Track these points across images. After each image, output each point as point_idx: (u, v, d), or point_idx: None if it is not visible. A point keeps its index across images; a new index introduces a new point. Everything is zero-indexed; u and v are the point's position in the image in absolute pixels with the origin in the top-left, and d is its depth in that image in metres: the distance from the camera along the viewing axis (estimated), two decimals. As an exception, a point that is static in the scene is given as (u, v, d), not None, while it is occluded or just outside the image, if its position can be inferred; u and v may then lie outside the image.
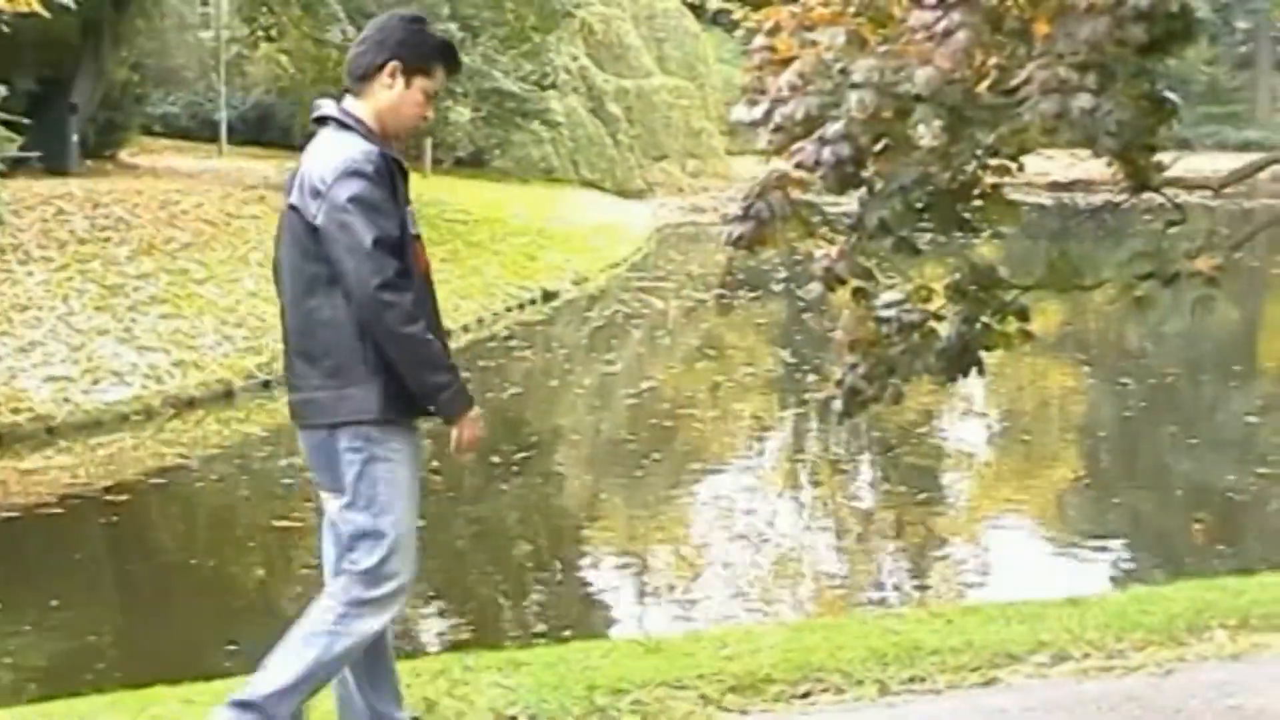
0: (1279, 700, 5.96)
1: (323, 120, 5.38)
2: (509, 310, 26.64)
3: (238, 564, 13.38)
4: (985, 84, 7.81)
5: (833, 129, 7.50)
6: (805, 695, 6.14)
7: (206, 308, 21.13)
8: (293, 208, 5.21)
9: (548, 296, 28.28)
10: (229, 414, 18.57)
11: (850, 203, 8.20)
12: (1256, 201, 31.26)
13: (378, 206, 5.14)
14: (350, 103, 5.40)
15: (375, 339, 5.10)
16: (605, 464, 16.88)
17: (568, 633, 10.27)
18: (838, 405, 8.92)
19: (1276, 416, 20.09)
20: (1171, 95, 7.93)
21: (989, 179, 8.25)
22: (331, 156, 5.18)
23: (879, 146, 7.62)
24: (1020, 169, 8.30)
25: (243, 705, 5.22)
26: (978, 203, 8.28)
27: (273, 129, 39.21)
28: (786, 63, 7.97)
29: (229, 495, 15.77)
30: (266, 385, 19.51)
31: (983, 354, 8.65)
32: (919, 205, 7.74)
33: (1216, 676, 6.24)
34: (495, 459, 16.39)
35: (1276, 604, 7.26)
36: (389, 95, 5.37)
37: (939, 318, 8.45)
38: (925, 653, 6.52)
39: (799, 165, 7.54)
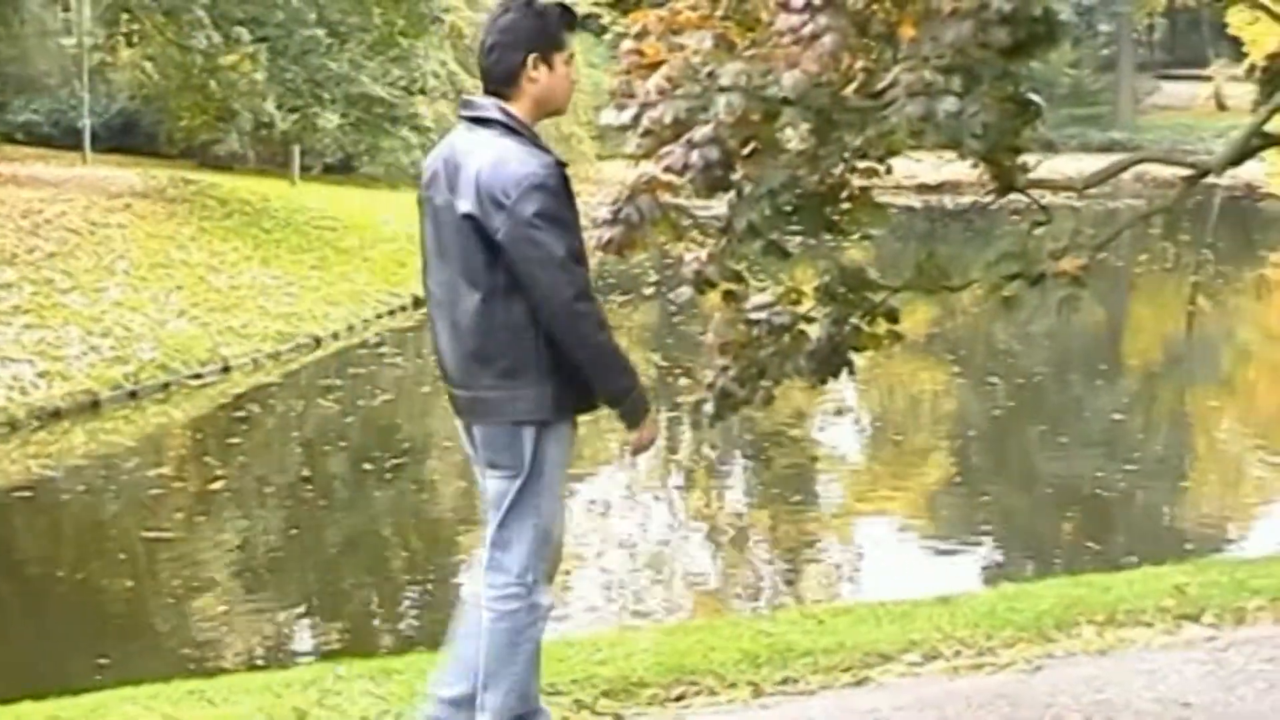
0: (1145, 694, 6.03)
1: (483, 121, 5.40)
2: (379, 317, 26.48)
3: (107, 576, 13.20)
4: (852, 87, 7.85)
5: (701, 132, 7.50)
6: (679, 698, 6.14)
7: (72, 318, 20.84)
8: (467, 215, 5.22)
9: (419, 303, 28.08)
10: (95, 424, 18.32)
11: (720, 206, 8.20)
12: (1120, 202, 31.66)
13: (563, 219, 5.25)
14: (504, 104, 5.43)
15: (568, 349, 5.21)
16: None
17: (441, 640, 10.21)
18: (709, 408, 8.92)
19: (1142, 414, 20.37)
20: (1035, 97, 8.01)
21: (857, 181, 8.29)
22: (509, 167, 5.20)
23: (747, 150, 7.63)
24: (888, 171, 8.35)
25: None
26: (846, 205, 8.31)
27: (138, 136, 38.74)
28: (654, 66, 7.96)
29: (97, 507, 15.57)
30: (134, 395, 19.30)
31: (853, 355, 8.71)
32: (788, 208, 7.77)
33: (1084, 672, 6.30)
34: (367, 466, 16.31)
35: (1142, 599, 7.35)
36: (538, 87, 5.45)
37: (809, 320, 8.48)
38: (798, 654, 6.53)
39: (668, 169, 7.52)
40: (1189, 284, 30.93)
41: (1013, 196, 8.78)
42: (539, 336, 5.23)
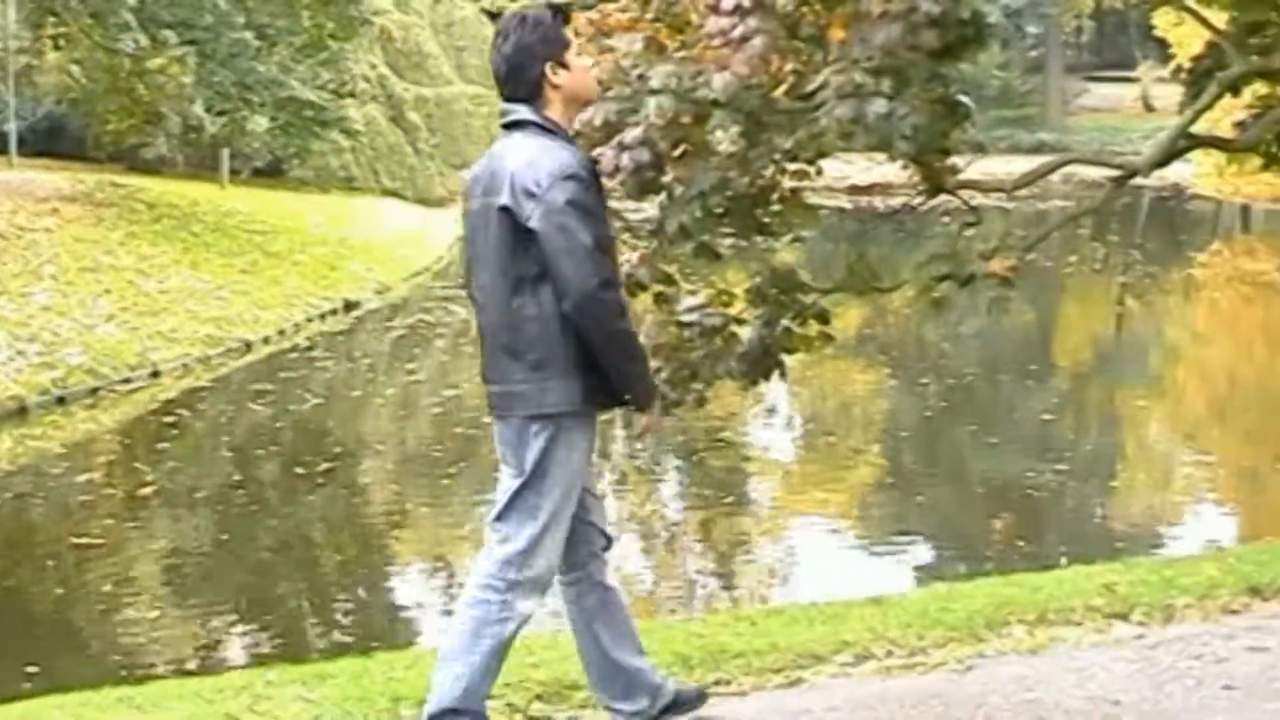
0: (1075, 692, 6.07)
1: (516, 124, 5.55)
2: (310, 321, 26.38)
3: (35, 583, 13.09)
4: (782, 89, 7.86)
5: (631, 134, 7.50)
6: (612, 701, 6.13)
7: (-2, 322, 20.68)
8: (503, 209, 5.36)
9: (349, 306, 28.05)
10: (23, 430, 18.17)
11: (651, 208, 8.19)
12: (1049, 203, 31.92)
13: (593, 210, 5.37)
14: (535, 107, 5.57)
15: (587, 334, 5.31)
16: (411, 474, 16.78)
17: (374, 644, 10.18)
18: (642, 410, 8.90)
19: (1071, 414, 20.50)
20: (965, 99, 8.04)
21: (787, 183, 8.30)
22: (542, 160, 5.35)
23: (678, 152, 7.64)
24: (819, 173, 8.36)
25: (448, 714, 5.44)
26: (777, 207, 8.33)
27: (65, 140, 38.38)
28: (584, 69, 7.94)
29: (24, 513, 15.43)
30: (61, 401, 19.17)
31: (784, 357, 8.72)
32: (719, 210, 7.78)
33: (1015, 671, 6.33)
34: (299, 470, 16.24)
35: (1072, 598, 7.39)
36: (564, 89, 5.57)
37: (740, 321, 8.48)
38: (730, 655, 6.54)
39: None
40: (1117, 284, 31.15)
41: (943, 198, 8.83)
42: (567, 328, 5.34)
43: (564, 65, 5.56)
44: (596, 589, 5.75)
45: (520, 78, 5.54)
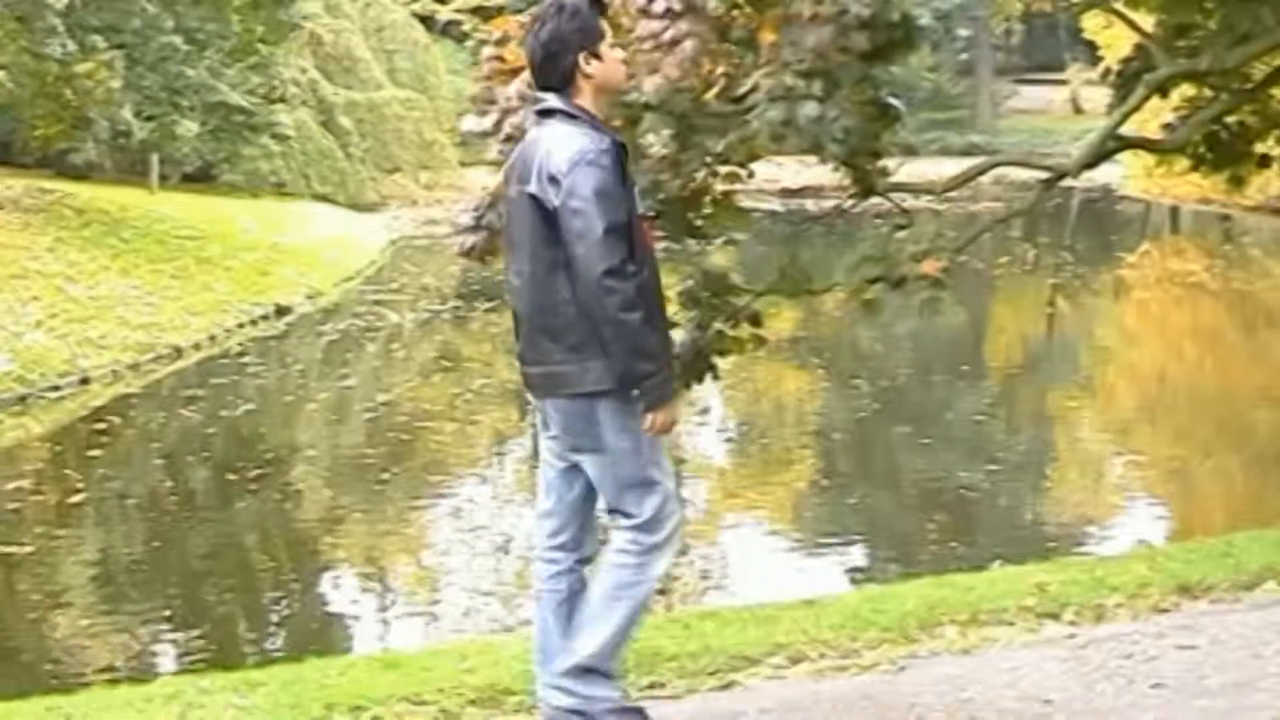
0: (1008, 692, 6.10)
1: (547, 113, 5.64)
2: (241, 326, 26.24)
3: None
4: (713, 92, 7.87)
5: (563, 138, 7.47)
6: (546, 705, 6.13)
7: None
8: (531, 196, 5.47)
9: (281, 312, 27.92)
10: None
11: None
12: (980, 205, 32.07)
13: (610, 195, 5.39)
14: (565, 96, 5.66)
15: (594, 322, 5.38)
16: (344, 479, 16.70)
17: (307, 650, 10.13)
18: (574, 414, 8.90)
19: (1003, 414, 20.61)
20: (895, 101, 8.07)
21: (719, 186, 8.31)
22: (564, 147, 5.44)
23: (609, 155, 7.59)
24: (750, 176, 8.38)
25: (580, 671, 5.61)
26: (709, 210, 8.34)
27: (-8, 144, 38.15)
28: (516, 72, 7.95)
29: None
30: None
31: (717, 359, 8.73)
32: (651, 213, 7.77)
33: (948, 671, 6.36)
34: (231, 476, 16.15)
35: (1004, 598, 7.42)
36: (595, 80, 5.65)
37: (673, 325, 8.47)
38: (663, 659, 6.54)
39: (529, 175, 7.48)
40: (1048, 285, 31.40)
41: (875, 200, 8.86)
42: None
43: (597, 56, 5.63)
44: (574, 576, 5.82)
45: (554, 66, 5.64)
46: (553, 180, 5.39)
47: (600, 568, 5.70)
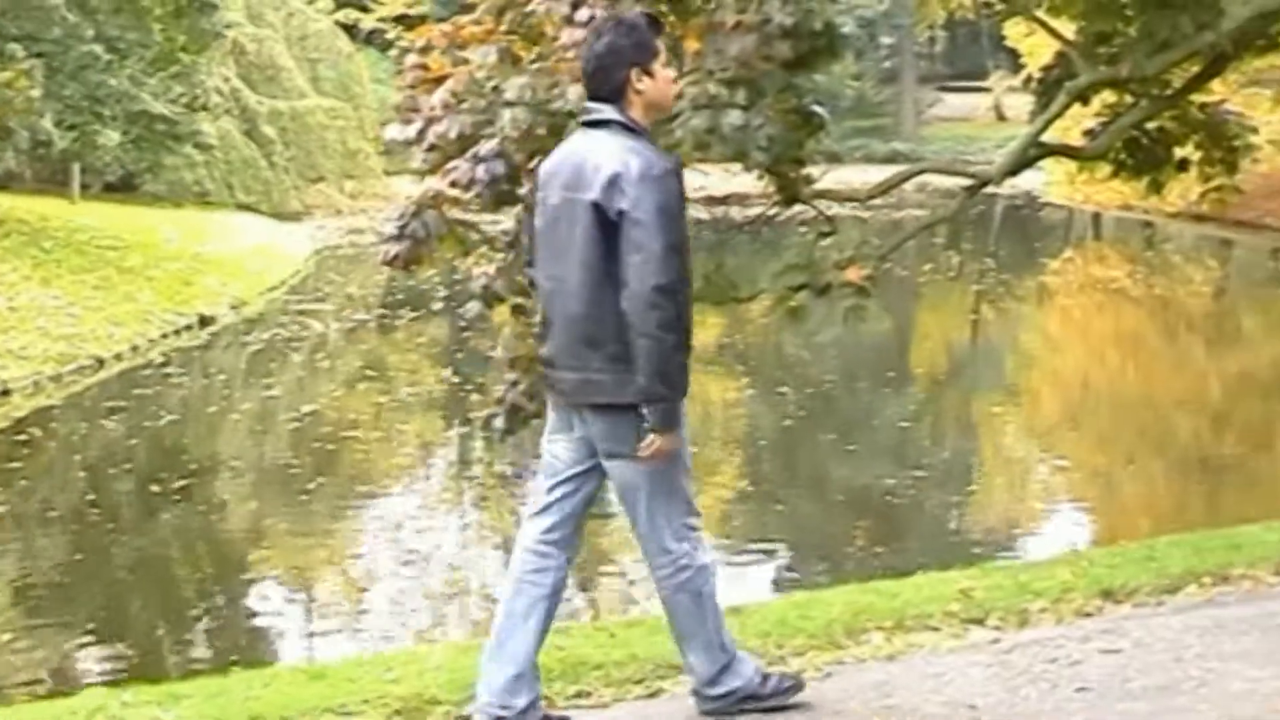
0: (933, 697, 6.12)
1: (599, 123, 5.72)
2: (165, 337, 26.04)
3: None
4: (637, 100, 7.83)
5: (487, 147, 7.49)
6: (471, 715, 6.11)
7: None
8: (593, 204, 5.51)
9: (205, 322, 27.74)
10: None
11: (507, 220, 8.17)
12: (904, 212, 32.17)
13: (673, 213, 5.53)
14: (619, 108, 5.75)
15: (633, 333, 5.47)
16: (269, 490, 16.61)
17: (232, 662, 10.08)
18: (500, 422, 8.93)
19: (929, 421, 20.69)
20: (819, 110, 8.10)
21: (643, 194, 8.28)
22: (632, 160, 5.52)
23: (533, 164, 7.62)
24: (674, 184, 8.35)
25: (721, 672, 5.89)
26: (633, 218, 8.31)
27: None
28: (439, 81, 7.94)
29: None
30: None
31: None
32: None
33: (874, 677, 6.38)
34: (155, 488, 16.03)
35: (929, 604, 7.46)
36: (646, 95, 5.74)
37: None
38: (590, 667, 6.54)
39: (454, 184, 7.50)
40: (972, 292, 31.59)
41: (800, 208, 8.89)
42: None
43: (649, 73, 5.73)
44: (561, 574, 5.97)
45: (606, 78, 5.72)
46: (619, 190, 5.46)
47: (667, 591, 5.88)
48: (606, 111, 5.69)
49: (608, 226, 5.48)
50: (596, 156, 5.57)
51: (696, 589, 5.81)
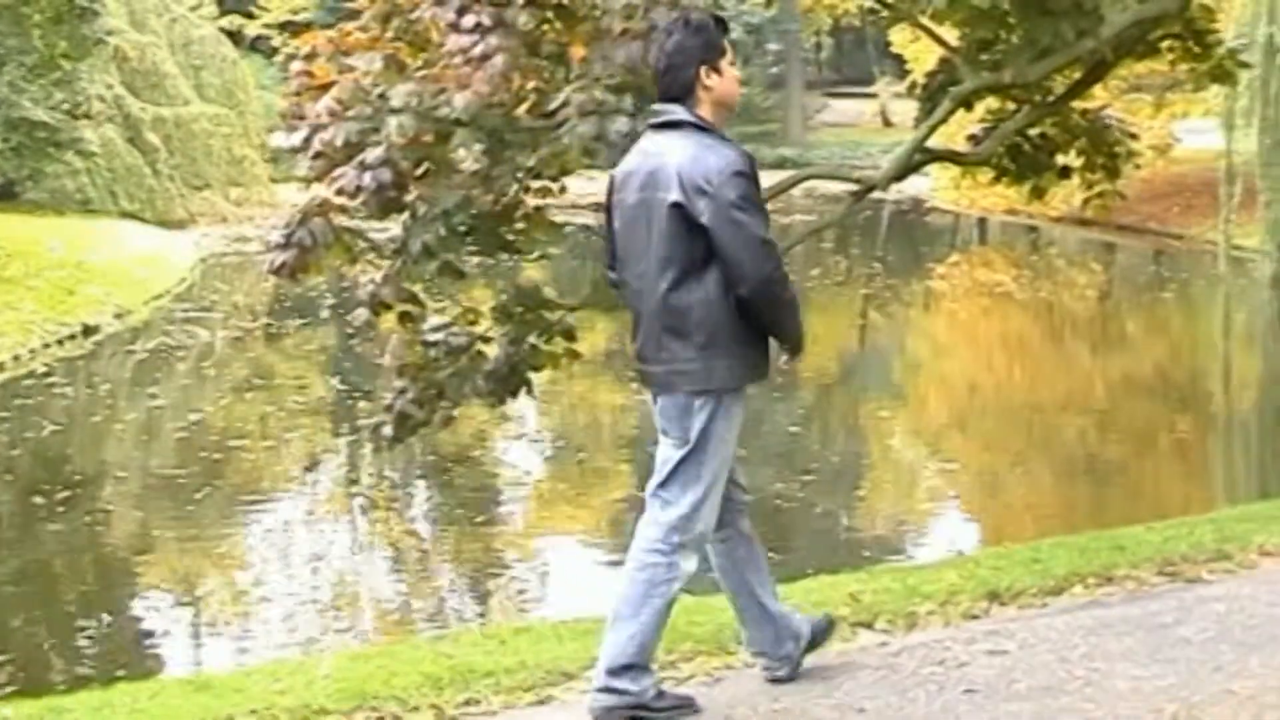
0: (822, 701, 6.15)
1: (670, 125, 5.93)
2: (47, 346, 25.71)
3: None
4: (524, 107, 7.88)
5: (373, 154, 7.46)
6: (362, 725, 6.09)
7: None
8: (675, 204, 5.72)
9: (88, 331, 27.41)
10: None
11: (395, 227, 8.14)
12: (792, 218, 32.29)
13: (759, 205, 5.82)
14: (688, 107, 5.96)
15: (761, 313, 5.82)
16: (155, 500, 16.44)
17: (117, 675, 9.96)
18: (388, 431, 8.88)
19: (818, 426, 20.79)
20: (705, 116, 8.08)
21: (531, 201, 8.32)
22: (709, 158, 5.75)
23: (420, 171, 7.62)
24: (562, 190, 8.40)
25: (624, 669, 5.88)
26: (521, 224, 8.34)
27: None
28: (325, 88, 7.90)
29: None
30: None
31: (531, 374, 8.73)
32: (462, 229, 7.77)
33: (763, 683, 6.40)
34: (38, 499, 15.84)
35: (819, 608, 7.47)
36: (715, 92, 5.97)
37: (487, 340, 8.47)
38: (479, 675, 6.52)
39: (340, 191, 7.47)
40: (860, 297, 31.78)
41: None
42: (729, 308, 5.79)
43: (717, 71, 5.95)
44: (745, 541, 6.34)
45: (676, 77, 5.94)
46: (700, 190, 5.68)
47: (632, 566, 6.02)
48: (677, 112, 5.90)
49: (691, 225, 5.70)
50: (673, 156, 5.77)
51: (659, 580, 5.95)
